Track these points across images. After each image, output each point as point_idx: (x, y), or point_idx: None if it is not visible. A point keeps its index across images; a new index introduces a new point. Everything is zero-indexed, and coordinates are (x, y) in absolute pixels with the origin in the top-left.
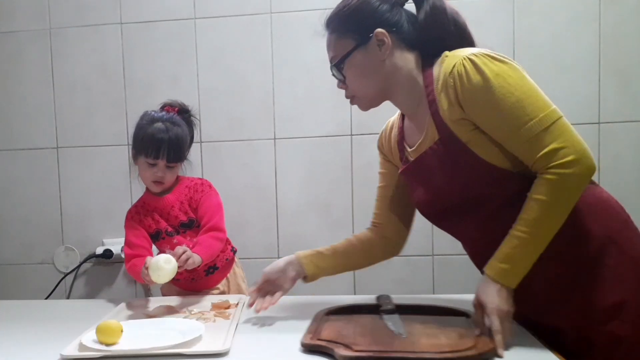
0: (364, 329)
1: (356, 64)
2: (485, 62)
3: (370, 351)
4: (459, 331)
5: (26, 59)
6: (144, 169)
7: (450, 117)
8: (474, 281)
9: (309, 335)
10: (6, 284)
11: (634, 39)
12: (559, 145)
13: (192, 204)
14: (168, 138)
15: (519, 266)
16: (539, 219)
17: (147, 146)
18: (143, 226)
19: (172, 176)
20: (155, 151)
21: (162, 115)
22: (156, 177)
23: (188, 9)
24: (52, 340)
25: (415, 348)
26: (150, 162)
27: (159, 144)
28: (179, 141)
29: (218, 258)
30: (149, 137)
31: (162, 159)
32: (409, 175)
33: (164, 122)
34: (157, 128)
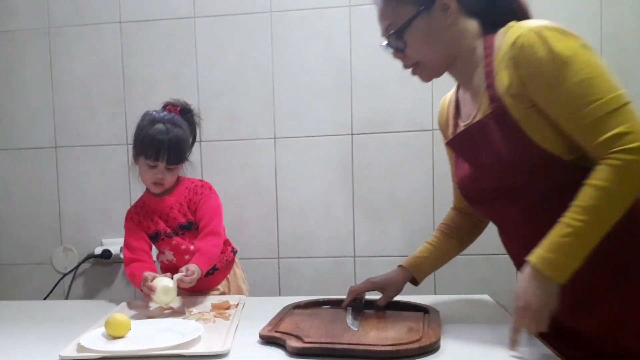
0: (321, 323)
1: (420, 31)
2: (555, 35)
3: (318, 343)
4: (409, 325)
5: (25, 58)
6: (144, 170)
7: (508, 91)
8: (475, 281)
9: (268, 327)
10: (4, 284)
11: (635, 39)
12: (625, 130)
13: (191, 206)
14: (168, 140)
15: (568, 258)
16: (597, 207)
17: (147, 148)
18: (142, 227)
19: (172, 178)
20: (155, 153)
21: (163, 116)
22: (156, 179)
23: (188, 7)
24: (51, 341)
25: (362, 340)
26: (150, 163)
27: (159, 145)
28: (180, 143)
29: (218, 259)
30: (149, 138)
31: (162, 161)
32: (455, 146)
33: (165, 123)
34: (158, 129)
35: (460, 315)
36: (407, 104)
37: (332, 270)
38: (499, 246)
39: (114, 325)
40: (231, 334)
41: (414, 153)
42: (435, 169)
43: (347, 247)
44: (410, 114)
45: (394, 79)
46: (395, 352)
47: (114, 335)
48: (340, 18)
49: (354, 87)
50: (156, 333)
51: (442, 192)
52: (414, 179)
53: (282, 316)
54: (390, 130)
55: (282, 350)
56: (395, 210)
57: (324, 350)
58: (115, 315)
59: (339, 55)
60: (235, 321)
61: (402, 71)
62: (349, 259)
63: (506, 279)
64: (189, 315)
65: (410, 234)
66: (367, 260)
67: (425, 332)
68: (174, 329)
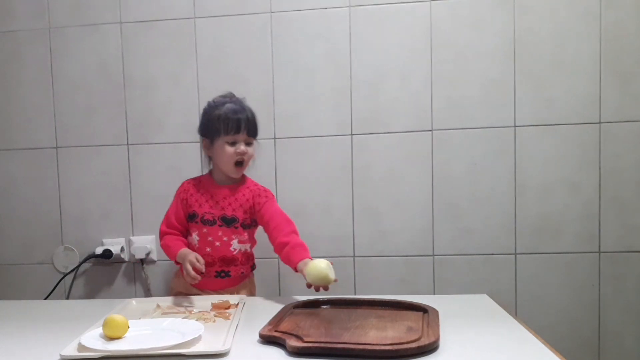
0: (321, 322)
1: None
2: None
3: (318, 342)
4: (409, 325)
5: (25, 58)
6: (223, 151)
7: None
8: (474, 281)
9: (268, 327)
10: (5, 284)
11: (635, 39)
12: None
13: (253, 206)
14: (245, 113)
15: None
16: None
17: (226, 124)
18: (186, 204)
19: (250, 155)
20: (235, 126)
21: (226, 99)
22: (238, 155)
23: (188, 8)
24: (52, 340)
25: (361, 340)
26: (230, 139)
27: (237, 119)
28: (254, 115)
29: (234, 266)
30: (225, 115)
31: (242, 133)
32: None
33: (232, 102)
34: (230, 107)
35: (460, 314)
36: (406, 104)
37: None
38: (498, 246)
39: (112, 326)
40: (231, 333)
41: (414, 153)
42: (435, 170)
43: (347, 247)
44: (410, 114)
45: (393, 79)
46: (394, 351)
47: (111, 337)
48: (340, 19)
49: (353, 88)
50: (157, 332)
51: (441, 193)
52: (414, 180)
53: (282, 316)
54: (390, 131)
55: (282, 349)
56: (394, 211)
57: (324, 349)
58: (112, 316)
59: (339, 56)
60: (235, 321)
61: (402, 72)
62: (348, 259)
63: (505, 278)
64: (190, 314)
65: (410, 234)
66: (366, 260)
67: (425, 331)
68: (174, 329)
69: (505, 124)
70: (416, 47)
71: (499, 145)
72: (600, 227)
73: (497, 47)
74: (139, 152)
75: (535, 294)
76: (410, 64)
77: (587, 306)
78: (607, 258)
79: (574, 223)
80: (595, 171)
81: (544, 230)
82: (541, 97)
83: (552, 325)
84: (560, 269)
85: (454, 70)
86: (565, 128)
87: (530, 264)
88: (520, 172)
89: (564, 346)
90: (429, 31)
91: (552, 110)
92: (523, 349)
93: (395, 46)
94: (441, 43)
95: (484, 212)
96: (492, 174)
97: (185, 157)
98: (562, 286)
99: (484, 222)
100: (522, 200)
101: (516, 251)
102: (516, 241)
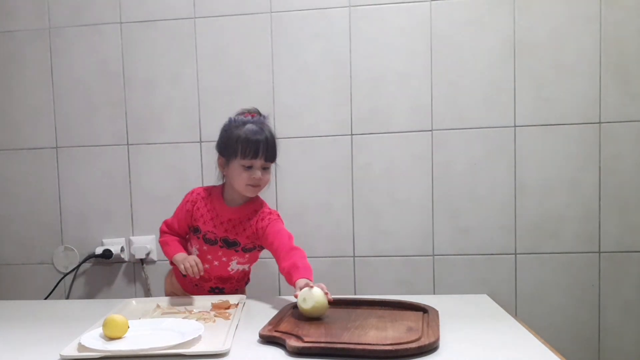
0: (321, 322)
1: None
2: None
3: (318, 342)
4: (409, 325)
5: (26, 58)
6: (239, 173)
7: None
8: (474, 281)
9: (268, 327)
10: (5, 284)
11: (635, 39)
12: None
13: (256, 231)
14: (265, 137)
15: None
16: None
17: (244, 147)
18: (191, 217)
19: (266, 178)
20: (253, 151)
21: (249, 118)
22: (253, 180)
23: (188, 8)
24: (52, 340)
25: (361, 340)
26: (247, 163)
27: (256, 143)
28: (274, 140)
29: (229, 283)
30: (245, 138)
31: (260, 159)
32: None
33: (254, 123)
34: (251, 129)
35: (459, 314)
36: (406, 104)
37: (332, 269)
38: (498, 246)
39: (112, 326)
40: (231, 333)
41: (413, 153)
42: (435, 170)
43: (347, 246)
44: (410, 114)
45: (393, 79)
46: (394, 351)
47: (111, 337)
48: (340, 18)
49: (353, 88)
50: (157, 333)
51: (441, 193)
52: (413, 179)
53: (282, 316)
54: (390, 131)
55: (282, 349)
56: (394, 211)
57: (324, 349)
58: (112, 316)
59: (339, 56)
60: (235, 321)
61: (402, 71)
62: (348, 259)
63: (505, 279)
64: (190, 314)
65: (410, 233)
66: (366, 260)
67: (425, 331)
68: (174, 329)
69: (505, 124)
70: (416, 47)
71: (499, 145)
72: (600, 227)
73: (497, 47)
74: (139, 152)
75: (535, 294)
76: (410, 63)
77: (587, 306)
78: (607, 258)
79: (574, 223)
80: (595, 171)
81: (543, 230)
82: (541, 97)
83: (552, 325)
84: (560, 268)
85: (454, 70)
86: (565, 128)
87: (530, 264)
88: (520, 172)
89: (564, 346)
90: (428, 31)
91: (552, 110)
92: (523, 348)
93: (395, 46)
94: (441, 43)
95: (484, 212)
96: (492, 174)
97: (185, 157)
98: (562, 286)
99: (483, 222)
100: (522, 200)
101: (516, 251)
102: (516, 241)
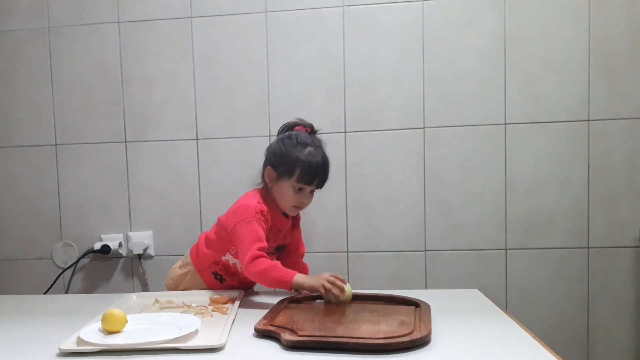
0: (315, 316)
1: None
2: None
3: (312, 336)
4: (401, 319)
5: (25, 57)
6: (290, 193)
7: None
8: (465, 276)
9: (264, 321)
10: (5, 279)
11: (623, 37)
12: None
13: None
14: (323, 164)
15: None
16: None
17: (303, 172)
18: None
19: (311, 200)
20: (310, 178)
21: (310, 140)
22: (301, 204)
23: (184, 8)
24: (51, 334)
25: (355, 334)
26: (300, 187)
27: (314, 171)
28: (329, 166)
29: None
30: (305, 163)
31: (313, 185)
32: None
33: (315, 147)
34: (310, 153)
35: (451, 309)
36: (399, 102)
37: (326, 265)
38: (489, 241)
39: (110, 321)
40: (227, 327)
41: (406, 150)
42: (427, 166)
43: (341, 242)
44: (402, 112)
45: (386, 78)
46: (387, 345)
47: (110, 331)
48: (334, 18)
49: (347, 86)
50: (154, 327)
51: (433, 189)
52: (406, 176)
53: (277, 310)
54: (383, 129)
55: (277, 343)
56: (387, 207)
57: (318, 343)
58: (111, 310)
59: (333, 55)
60: (232, 315)
61: (395, 70)
62: (342, 254)
63: (496, 273)
64: (188, 309)
65: (402, 229)
66: (360, 256)
67: (417, 325)
68: (172, 323)
69: (496, 122)
70: (408, 46)
71: (490, 143)
72: (589, 223)
73: (487, 46)
74: (136, 149)
75: (525, 289)
76: (403, 62)
77: (576, 300)
78: (596, 253)
79: (564, 219)
80: (584, 168)
81: (534, 226)
82: (531, 95)
83: (542, 319)
84: (549, 264)
85: (446, 68)
86: (555, 125)
87: (520, 259)
88: (511, 168)
89: (554, 340)
90: (421, 30)
91: (541, 108)
92: (513, 342)
93: (388, 45)
94: (433, 42)
95: (475, 208)
96: (483, 170)
97: (181, 154)
98: (552, 281)
99: (475, 218)
100: (513, 197)
101: (507, 247)
102: (507, 237)
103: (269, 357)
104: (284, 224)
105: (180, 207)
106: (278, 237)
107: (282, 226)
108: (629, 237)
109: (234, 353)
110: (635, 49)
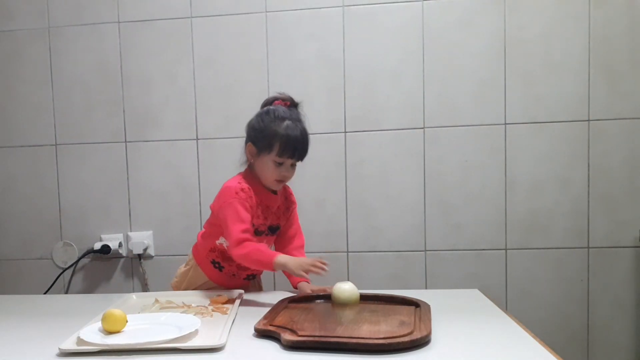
0: (315, 316)
1: None
2: None
3: (312, 336)
4: (401, 319)
5: (25, 57)
6: (271, 168)
7: None
8: (464, 275)
9: (263, 321)
10: (5, 279)
11: (623, 37)
12: None
13: (284, 207)
14: (301, 137)
15: None
16: None
17: (281, 146)
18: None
19: (293, 174)
20: (290, 151)
21: (288, 113)
22: (283, 177)
23: (185, 8)
24: (51, 334)
25: (355, 334)
26: (279, 160)
27: (293, 143)
28: (308, 139)
29: None
30: (282, 136)
31: (293, 158)
32: None
33: (292, 120)
34: (288, 126)
35: (451, 309)
36: (399, 102)
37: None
38: (489, 242)
39: (110, 321)
40: (227, 327)
41: (406, 150)
42: (427, 166)
43: (340, 242)
44: (402, 112)
45: (386, 78)
46: (387, 345)
47: (110, 331)
48: (334, 18)
49: (347, 86)
50: (154, 327)
51: (433, 189)
52: (406, 176)
53: (277, 310)
54: (383, 128)
55: (277, 343)
56: (387, 207)
57: (318, 343)
58: (111, 310)
59: (333, 55)
60: (232, 315)
61: (395, 70)
62: (342, 254)
63: (495, 273)
64: (188, 309)
65: (402, 229)
66: (360, 256)
67: (417, 325)
68: (172, 323)
69: (496, 122)
70: (408, 46)
71: (490, 143)
72: (589, 223)
73: (487, 46)
74: (136, 149)
75: (525, 289)
76: (403, 62)
77: (576, 300)
78: (596, 253)
79: (564, 219)
80: (584, 168)
81: (534, 226)
82: (531, 95)
83: (542, 319)
84: (549, 264)
85: (446, 68)
86: (555, 125)
87: (520, 259)
88: (511, 168)
89: (554, 340)
90: (421, 30)
91: (541, 108)
92: (513, 342)
93: (388, 45)
94: (433, 42)
95: (475, 208)
96: (483, 170)
97: (181, 154)
98: (552, 281)
99: (475, 218)
100: (513, 197)
101: (507, 247)
102: (506, 237)
103: (269, 357)
104: (273, 201)
105: (180, 207)
106: (269, 215)
107: (271, 203)
108: (629, 237)
109: (234, 353)
110: (635, 49)
